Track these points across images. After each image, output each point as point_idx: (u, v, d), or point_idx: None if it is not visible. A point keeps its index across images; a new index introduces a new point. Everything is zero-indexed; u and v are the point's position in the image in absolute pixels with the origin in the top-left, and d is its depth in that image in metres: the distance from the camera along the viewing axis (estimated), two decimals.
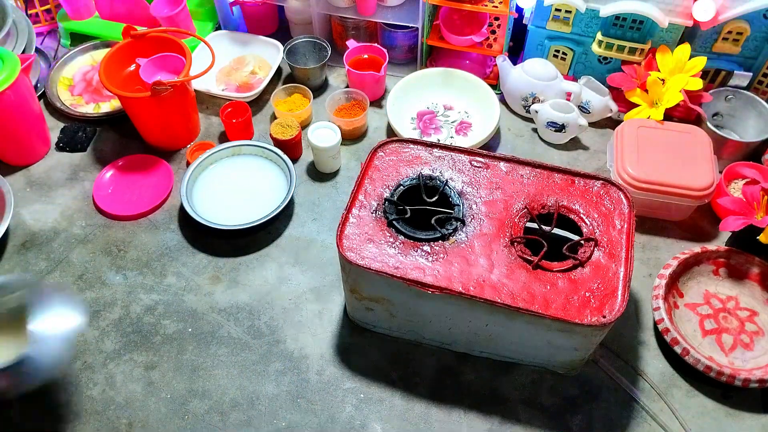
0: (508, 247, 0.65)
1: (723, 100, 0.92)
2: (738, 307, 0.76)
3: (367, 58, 1.03)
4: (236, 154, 0.91)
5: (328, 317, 0.77)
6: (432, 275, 0.62)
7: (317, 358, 0.73)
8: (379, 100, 1.03)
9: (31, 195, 0.91)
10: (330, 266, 0.82)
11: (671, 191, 0.79)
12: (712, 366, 0.67)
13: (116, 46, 0.91)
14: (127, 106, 0.91)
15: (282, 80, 1.07)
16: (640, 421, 0.68)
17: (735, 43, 0.88)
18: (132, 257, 0.83)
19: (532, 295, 0.61)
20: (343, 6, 1.03)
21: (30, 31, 1.03)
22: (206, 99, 1.03)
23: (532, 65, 0.95)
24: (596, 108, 0.94)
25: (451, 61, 1.06)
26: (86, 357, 0.74)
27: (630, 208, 0.67)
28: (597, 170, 0.92)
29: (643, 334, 0.75)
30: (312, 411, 0.69)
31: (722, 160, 0.87)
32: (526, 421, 0.68)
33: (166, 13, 1.01)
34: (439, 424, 0.68)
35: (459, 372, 0.72)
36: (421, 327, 0.70)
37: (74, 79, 1.05)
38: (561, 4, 0.91)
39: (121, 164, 0.93)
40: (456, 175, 0.71)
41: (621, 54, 0.92)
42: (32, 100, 0.91)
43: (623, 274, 0.62)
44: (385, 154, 0.73)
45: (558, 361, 0.69)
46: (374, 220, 0.67)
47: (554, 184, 0.70)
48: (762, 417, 0.69)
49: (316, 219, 0.87)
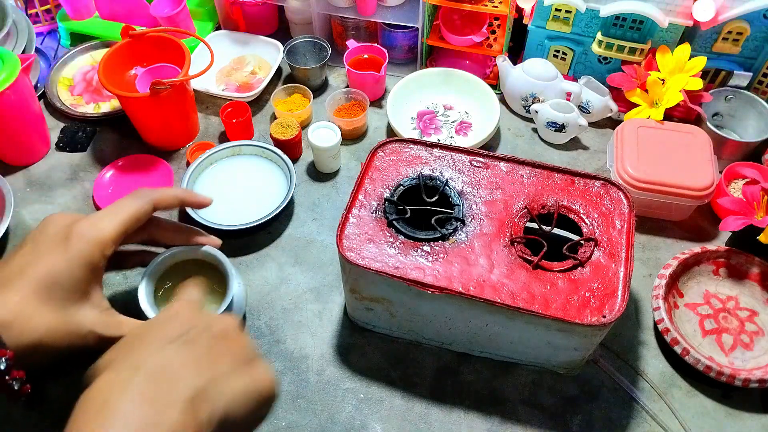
0: (508, 247, 0.65)
1: (723, 100, 0.92)
2: (738, 307, 0.76)
3: (367, 58, 1.03)
4: (236, 154, 0.91)
5: (328, 317, 0.77)
6: (432, 275, 0.62)
7: (317, 358, 0.73)
8: (379, 100, 1.03)
9: (31, 195, 0.91)
10: (330, 266, 0.82)
11: (671, 191, 0.79)
12: (712, 366, 0.67)
13: (115, 46, 0.91)
14: (126, 105, 0.91)
15: (282, 80, 1.07)
16: (640, 421, 0.68)
17: (735, 43, 0.88)
18: None
19: (532, 295, 0.61)
20: (343, 6, 1.03)
21: (30, 31, 1.03)
22: (206, 99, 1.03)
23: (532, 65, 0.95)
24: (596, 108, 0.94)
25: (451, 61, 1.06)
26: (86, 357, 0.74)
27: (630, 208, 0.67)
28: (597, 170, 0.92)
29: (643, 334, 0.75)
30: (312, 411, 0.69)
31: (722, 160, 0.87)
32: (526, 421, 0.68)
33: (166, 13, 1.01)
34: (439, 424, 0.68)
35: (459, 372, 0.72)
36: (421, 327, 0.70)
37: (74, 79, 1.05)
38: (561, 4, 0.91)
39: (121, 164, 0.93)
40: (456, 175, 0.71)
41: (621, 54, 0.92)
42: (32, 100, 0.90)
43: (623, 274, 0.62)
44: (385, 154, 0.73)
45: (558, 361, 0.69)
46: (374, 220, 0.67)
47: (554, 184, 0.70)
48: (762, 417, 0.69)
49: (316, 219, 0.87)
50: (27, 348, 0.50)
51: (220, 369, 0.45)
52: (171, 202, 0.61)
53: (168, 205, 0.61)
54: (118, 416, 0.40)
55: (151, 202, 0.59)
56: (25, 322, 0.50)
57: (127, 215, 0.56)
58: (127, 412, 0.40)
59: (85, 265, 0.53)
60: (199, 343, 0.46)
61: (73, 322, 0.53)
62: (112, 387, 0.42)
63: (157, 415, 0.40)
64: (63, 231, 0.54)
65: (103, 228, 0.55)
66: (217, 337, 0.48)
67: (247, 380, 0.46)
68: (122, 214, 0.56)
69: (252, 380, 0.47)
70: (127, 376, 0.42)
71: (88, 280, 0.54)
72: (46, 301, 0.51)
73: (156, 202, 0.59)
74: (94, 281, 0.55)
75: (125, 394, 0.41)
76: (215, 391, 0.44)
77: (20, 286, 0.51)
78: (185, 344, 0.46)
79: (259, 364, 0.49)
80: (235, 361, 0.47)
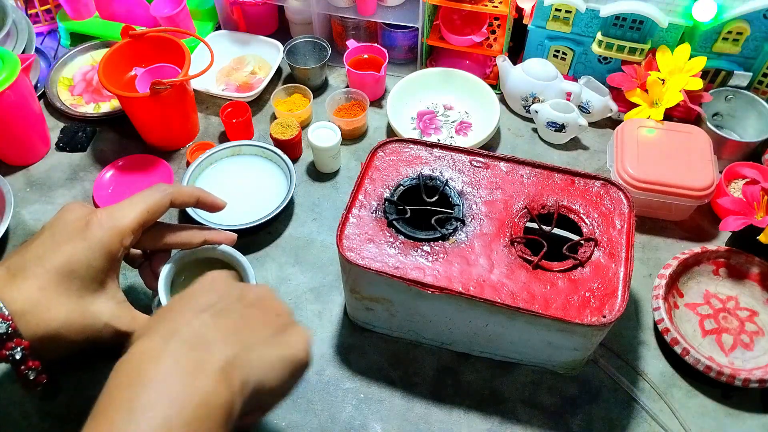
0: (508, 247, 0.65)
1: (723, 100, 0.92)
2: (738, 307, 0.76)
3: (367, 58, 1.03)
4: (236, 154, 0.91)
5: (328, 317, 0.77)
6: (432, 275, 0.62)
7: (317, 358, 0.73)
8: (379, 100, 1.03)
9: (31, 195, 0.91)
10: (330, 266, 0.82)
11: (671, 191, 0.79)
12: (712, 366, 0.67)
13: (115, 46, 0.91)
14: (126, 105, 0.91)
15: (282, 80, 1.07)
16: (640, 421, 0.68)
17: (735, 43, 0.88)
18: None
19: (532, 295, 0.61)
20: (343, 6, 1.03)
21: (30, 31, 1.03)
22: (206, 99, 1.03)
23: (532, 65, 0.95)
24: (596, 108, 0.94)
25: (451, 61, 1.06)
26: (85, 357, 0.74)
27: (630, 208, 0.67)
28: (597, 170, 0.92)
29: (643, 334, 0.75)
30: (312, 411, 0.69)
31: (722, 160, 0.87)
32: (526, 421, 0.68)
33: (166, 13, 1.01)
34: (439, 424, 0.68)
35: (459, 372, 0.72)
36: (421, 327, 0.70)
37: (74, 79, 1.05)
38: (561, 4, 0.91)
39: (121, 164, 0.93)
40: (456, 175, 0.71)
41: (621, 54, 0.92)
42: (32, 100, 0.91)
43: (623, 274, 0.62)
44: (385, 154, 0.73)
45: (558, 361, 0.69)
46: (374, 220, 0.67)
47: (554, 184, 0.70)
48: (762, 417, 0.69)
49: (316, 219, 0.87)
50: (43, 338, 0.50)
51: (254, 338, 0.46)
52: (187, 199, 0.62)
53: (184, 201, 0.61)
54: (152, 385, 0.40)
55: (168, 195, 0.59)
56: (43, 312, 0.50)
57: (146, 206, 0.57)
58: (161, 381, 0.40)
59: (104, 254, 0.53)
60: (232, 312, 0.47)
61: (89, 314, 0.53)
62: (146, 355, 0.42)
63: (191, 384, 0.41)
64: (82, 219, 0.54)
65: (121, 217, 0.55)
66: (251, 305, 0.48)
67: (280, 349, 0.47)
68: (141, 205, 0.57)
69: (286, 348, 0.47)
70: (161, 345, 0.43)
71: (105, 269, 0.54)
72: (64, 291, 0.51)
73: (174, 196, 0.59)
74: (112, 271, 0.55)
75: (159, 363, 0.41)
76: (248, 359, 0.44)
77: (38, 274, 0.51)
78: (219, 313, 0.46)
79: (293, 332, 0.49)
80: (268, 329, 0.47)
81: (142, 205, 0.57)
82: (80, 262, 0.52)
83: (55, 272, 0.51)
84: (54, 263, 0.51)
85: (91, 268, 0.53)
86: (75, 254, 0.52)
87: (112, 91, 0.86)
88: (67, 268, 0.52)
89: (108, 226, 0.54)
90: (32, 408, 0.69)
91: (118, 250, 0.55)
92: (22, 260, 0.52)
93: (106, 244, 0.53)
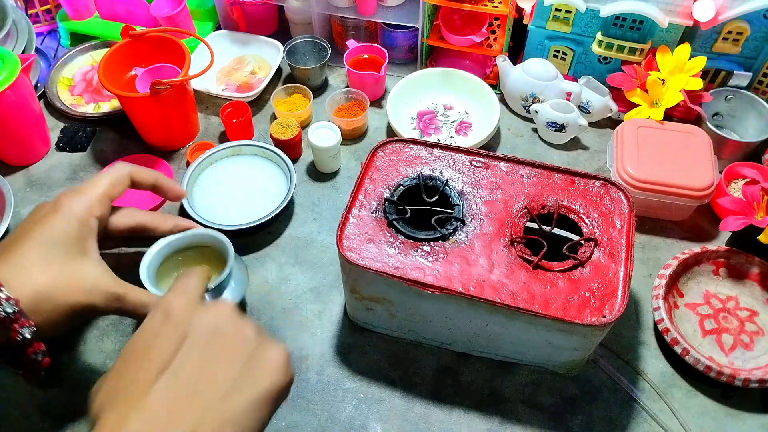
0: (508, 247, 0.65)
1: (723, 100, 0.92)
2: (738, 307, 0.76)
3: (367, 58, 1.03)
4: (236, 154, 0.91)
5: (328, 317, 0.77)
6: (432, 275, 0.62)
7: (317, 358, 0.73)
8: (379, 100, 1.03)
9: (31, 195, 0.91)
10: (330, 266, 0.82)
11: (671, 191, 0.79)
12: (712, 366, 0.67)
13: (115, 46, 0.91)
14: (126, 105, 0.91)
15: (282, 80, 1.07)
16: (640, 421, 0.68)
17: (735, 43, 0.88)
18: None
19: (532, 295, 0.61)
20: (343, 6, 1.03)
21: (30, 31, 1.03)
22: (206, 99, 1.03)
23: (532, 65, 0.95)
24: (596, 108, 0.94)
25: (451, 61, 1.06)
26: (86, 357, 0.74)
27: (630, 208, 0.67)
28: (597, 170, 0.92)
29: (643, 334, 0.75)
30: (312, 411, 0.69)
31: (722, 160, 0.87)
32: (526, 421, 0.68)
33: (166, 13, 1.01)
34: (439, 424, 0.68)
35: (459, 372, 0.72)
36: (421, 327, 0.70)
37: (74, 79, 1.05)
38: (561, 4, 0.91)
39: None
40: (456, 175, 0.71)
41: (621, 54, 0.92)
42: (32, 100, 0.91)
43: (623, 274, 0.62)
44: (385, 154, 0.73)
45: (558, 361, 0.69)
46: (374, 220, 0.67)
47: (554, 184, 0.70)
48: (762, 417, 0.69)
49: (316, 219, 0.87)
50: (32, 300, 0.51)
51: (219, 389, 0.43)
52: (147, 177, 0.65)
53: (143, 178, 0.64)
54: None
55: (128, 171, 0.63)
56: (25, 274, 0.52)
57: (108, 179, 0.61)
58: None
59: (78, 222, 0.57)
60: (189, 361, 0.44)
61: (76, 274, 0.55)
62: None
63: None
64: (51, 203, 0.58)
65: (86, 189, 0.59)
66: (211, 341, 0.46)
67: (251, 389, 0.44)
68: (104, 179, 0.61)
69: (257, 385, 0.45)
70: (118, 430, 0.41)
71: (83, 237, 0.57)
72: (46, 256, 0.54)
73: (133, 173, 0.63)
74: (90, 239, 0.58)
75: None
76: (216, 420, 0.42)
77: (19, 245, 0.54)
78: (175, 373, 0.44)
79: (263, 356, 0.46)
80: (234, 366, 0.45)
81: (105, 179, 0.61)
82: (58, 230, 0.56)
83: (36, 242, 0.55)
84: (34, 236, 0.55)
85: (70, 236, 0.56)
86: (52, 225, 0.56)
87: (112, 91, 0.86)
88: (48, 239, 0.55)
89: (76, 198, 0.58)
90: (32, 408, 0.69)
91: (89, 218, 0.58)
92: (3, 242, 0.56)
93: (76, 212, 0.57)
